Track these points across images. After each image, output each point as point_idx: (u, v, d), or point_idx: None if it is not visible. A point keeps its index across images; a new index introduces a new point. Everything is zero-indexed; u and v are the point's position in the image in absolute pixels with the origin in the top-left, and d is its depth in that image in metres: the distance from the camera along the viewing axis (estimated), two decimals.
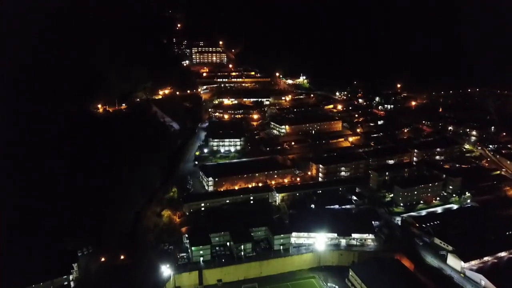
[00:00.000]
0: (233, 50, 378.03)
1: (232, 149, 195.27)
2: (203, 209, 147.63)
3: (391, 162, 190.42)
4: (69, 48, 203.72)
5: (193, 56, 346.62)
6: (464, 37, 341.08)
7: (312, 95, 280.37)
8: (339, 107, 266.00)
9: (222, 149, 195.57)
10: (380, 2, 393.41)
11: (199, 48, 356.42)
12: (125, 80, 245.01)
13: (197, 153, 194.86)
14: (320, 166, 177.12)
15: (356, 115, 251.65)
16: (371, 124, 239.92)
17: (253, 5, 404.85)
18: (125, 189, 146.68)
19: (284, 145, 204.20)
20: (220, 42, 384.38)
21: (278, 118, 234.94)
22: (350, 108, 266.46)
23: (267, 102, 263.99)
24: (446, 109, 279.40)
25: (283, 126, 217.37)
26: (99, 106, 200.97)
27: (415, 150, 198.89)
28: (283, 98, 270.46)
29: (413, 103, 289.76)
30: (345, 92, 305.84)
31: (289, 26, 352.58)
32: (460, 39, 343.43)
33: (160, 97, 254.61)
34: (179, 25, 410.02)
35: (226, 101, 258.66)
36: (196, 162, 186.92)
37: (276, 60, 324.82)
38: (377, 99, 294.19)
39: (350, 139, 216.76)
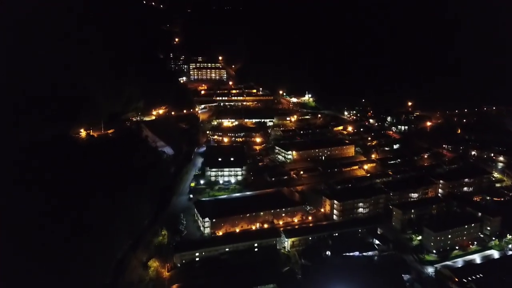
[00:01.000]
0: (233, 66, 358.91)
1: (233, 179, 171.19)
2: (197, 259, 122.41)
3: (414, 195, 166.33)
4: (48, 64, 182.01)
5: (191, 72, 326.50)
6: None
7: (319, 115, 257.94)
8: (350, 128, 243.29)
9: (221, 180, 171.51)
10: (386, 16, 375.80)
11: (197, 64, 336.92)
12: (115, 99, 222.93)
13: (193, 184, 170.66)
14: (335, 202, 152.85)
15: (369, 138, 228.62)
16: (387, 149, 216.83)
17: (254, 20, 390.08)
18: (106, 230, 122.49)
19: (292, 174, 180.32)
20: (220, 58, 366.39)
21: (283, 142, 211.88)
22: (362, 129, 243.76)
23: (271, 123, 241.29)
24: (464, 130, 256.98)
25: (289, 152, 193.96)
26: (82, 130, 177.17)
27: (441, 181, 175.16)
28: (288, 118, 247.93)
29: (428, 123, 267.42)
30: (354, 112, 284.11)
31: (293, 41, 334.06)
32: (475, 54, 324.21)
33: (153, 118, 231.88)
34: (176, 40, 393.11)
35: (226, 123, 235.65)
36: (191, 196, 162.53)
37: (280, 77, 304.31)
38: (388, 119, 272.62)
39: (365, 166, 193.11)
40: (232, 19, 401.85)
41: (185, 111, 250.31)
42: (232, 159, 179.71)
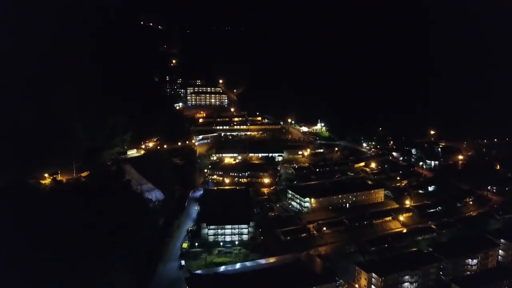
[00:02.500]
0: (235, 91, 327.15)
1: (237, 239, 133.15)
2: None
3: (473, 262, 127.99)
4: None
5: (188, 98, 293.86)
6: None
7: (336, 149, 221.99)
8: (373, 165, 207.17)
9: (221, 240, 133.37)
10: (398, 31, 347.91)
11: (195, 88, 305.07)
12: (97, 131, 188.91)
13: (185, 245, 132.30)
14: (373, 276, 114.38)
15: (398, 178, 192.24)
16: (421, 192, 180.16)
17: (257, 41, 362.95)
18: None
19: (311, 229, 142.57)
20: (220, 81, 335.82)
21: (297, 183, 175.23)
22: (386, 166, 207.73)
23: (280, 158, 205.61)
24: (503, 165, 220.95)
25: (306, 199, 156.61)
26: (46, 175, 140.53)
27: (502, 240, 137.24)
28: (299, 152, 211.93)
29: (460, 157, 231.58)
30: (373, 143, 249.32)
31: (302, 65, 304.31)
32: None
33: (142, 152, 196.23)
34: (174, 61, 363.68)
35: (228, 158, 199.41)
36: (183, 263, 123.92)
37: (287, 103, 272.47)
38: (413, 151, 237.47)
39: (400, 217, 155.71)
40: (233, 40, 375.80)
41: (179, 143, 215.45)
42: (235, 209, 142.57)
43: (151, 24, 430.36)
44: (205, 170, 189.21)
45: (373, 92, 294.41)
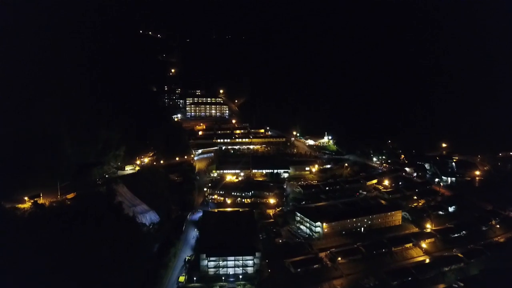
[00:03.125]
0: (236, 101, 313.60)
1: (241, 273, 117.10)
2: None
3: None
4: None
5: (187, 108, 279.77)
6: None
7: (346, 164, 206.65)
8: (386, 182, 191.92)
9: (223, 273, 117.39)
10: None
11: (195, 99, 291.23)
12: (87, 145, 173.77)
13: (182, 278, 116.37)
14: None
15: (414, 197, 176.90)
16: (441, 213, 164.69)
17: (259, 49, 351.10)
18: None
19: (324, 259, 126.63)
20: (221, 91, 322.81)
21: (305, 204, 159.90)
22: (400, 183, 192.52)
23: (286, 175, 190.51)
24: None
25: (318, 223, 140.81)
26: (26, 198, 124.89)
27: None
28: (307, 168, 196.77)
29: (477, 172, 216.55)
30: (383, 157, 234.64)
31: (306, 74, 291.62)
32: None
33: (136, 169, 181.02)
34: (172, 71, 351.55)
35: (229, 176, 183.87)
36: None
37: (291, 114, 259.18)
38: (427, 166, 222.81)
39: (423, 243, 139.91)
40: (234, 49, 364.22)
41: (177, 158, 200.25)
42: (238, 236, 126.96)
43: (150, 33, 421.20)
44: (205, 189, 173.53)
45: (381, 103, 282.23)
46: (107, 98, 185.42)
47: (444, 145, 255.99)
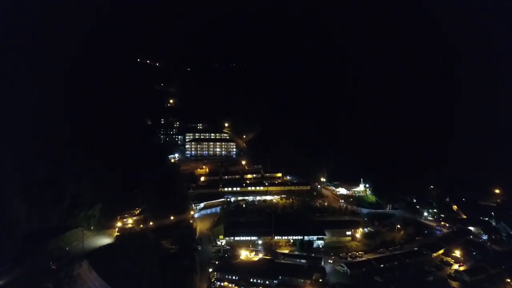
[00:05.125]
0: (244, 136, 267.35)
1: None
2: None
3: None
4: None
5: (187, 146, 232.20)
6: None
7: (398, 226, 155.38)
8: (457, 252, 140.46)
9: None
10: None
11: (196, 134, 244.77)
12: (47, 205, 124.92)
13: None
14: None
15: (507, 279, 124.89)
16: None
17: (268, 78, 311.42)
18: None
19: None
20: (226, 124, 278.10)
21: None
22: (474, 253, 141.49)
23: (321, 242, 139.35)
24: None
25: None
26: None
27: None
28: (348, 233, 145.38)
29: None
30: (434, 210, 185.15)
31: (327, 103, 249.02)
32: None
33: (115, 234, 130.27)
34: (171, 101, 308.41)
35: (244, 252, 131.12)
36: None
37: (314, 155, 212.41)
38: (493, 223, 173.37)
39: None
40: (240, 77, 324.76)
41: (172, 217, 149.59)
42: None
43: (148, 61, 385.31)
44: (210, 269, 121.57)
45: (418, 143, 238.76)
46: (77, 135, 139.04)
47: (497, 191, 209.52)
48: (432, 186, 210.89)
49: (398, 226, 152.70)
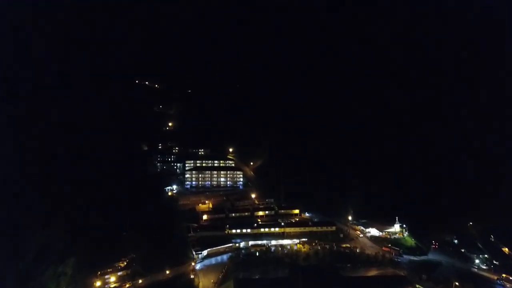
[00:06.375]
0: (251, 163, 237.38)
1: None
2: None
3: None
4: None
5: (187, 176, 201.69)
6: None
7: (456, 283, 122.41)
8: None
9: None
10: None
11: (198, 162, 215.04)
12: (5, 258, 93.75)
13: None
14: None
15: None
16: None
17: (276, 99, 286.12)
18: None
19: None
20: (230, 150, 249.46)
21: None
22: None
23: None
24: None
25: None
26: None
27: None
28: None
29: None
30: (485, 256, 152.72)
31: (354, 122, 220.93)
32: None
33: None
34: (170, 124, 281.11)
35: None
36: None
37: (337, 187, 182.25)
38: None
39: None
40: (244, 100, 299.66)
41: (168, 271, 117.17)
42: None
43: (146, 83, 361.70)
44: None
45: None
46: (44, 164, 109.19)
47: None
48: (471, 223, 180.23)
49: (456, 283, 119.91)
